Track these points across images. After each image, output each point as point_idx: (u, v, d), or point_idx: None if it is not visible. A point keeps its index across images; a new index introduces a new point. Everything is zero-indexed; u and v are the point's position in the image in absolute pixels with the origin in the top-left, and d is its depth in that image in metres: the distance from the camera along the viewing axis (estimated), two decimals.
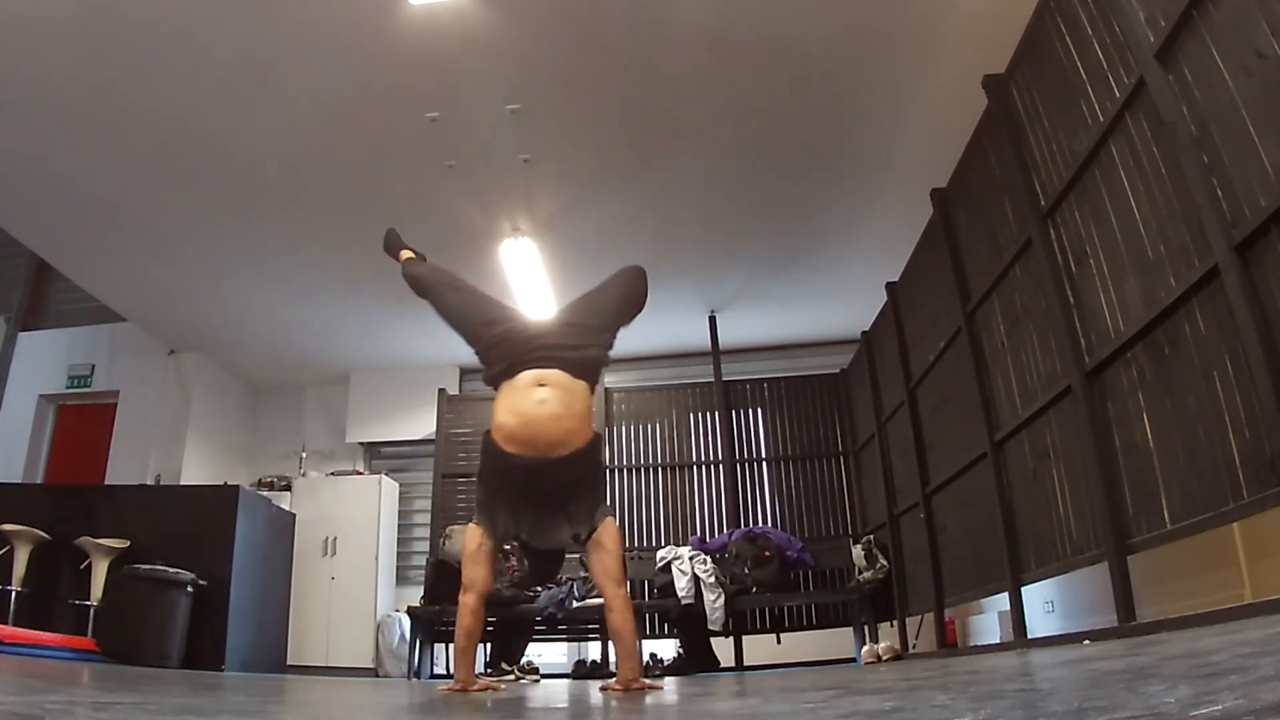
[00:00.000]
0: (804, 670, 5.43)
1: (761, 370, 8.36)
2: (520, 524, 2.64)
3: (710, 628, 6.43)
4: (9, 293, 8.26)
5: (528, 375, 2.66)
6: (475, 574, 2.63)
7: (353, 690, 3.46)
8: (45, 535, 5.55)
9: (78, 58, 4.54)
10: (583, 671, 6.59)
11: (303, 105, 5.00)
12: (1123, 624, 3.18)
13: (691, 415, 8.13)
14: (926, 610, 5.68)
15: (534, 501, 2.63)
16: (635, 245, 6.61)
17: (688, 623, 6.56)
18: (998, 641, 5.28)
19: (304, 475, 8.24)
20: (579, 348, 2.75)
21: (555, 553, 2.75)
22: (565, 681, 6.01)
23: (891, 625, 6.34)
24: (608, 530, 2.63)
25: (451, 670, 7.37)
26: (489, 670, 6.42)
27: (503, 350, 2.76)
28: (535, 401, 2.62)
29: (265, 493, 7.66)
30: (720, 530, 7.43)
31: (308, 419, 9.01)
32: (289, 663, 6.98)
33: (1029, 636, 4.20)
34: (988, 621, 5.96)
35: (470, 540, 2.67)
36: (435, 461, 7.97)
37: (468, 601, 2.62)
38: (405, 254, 3.30)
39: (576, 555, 7.14)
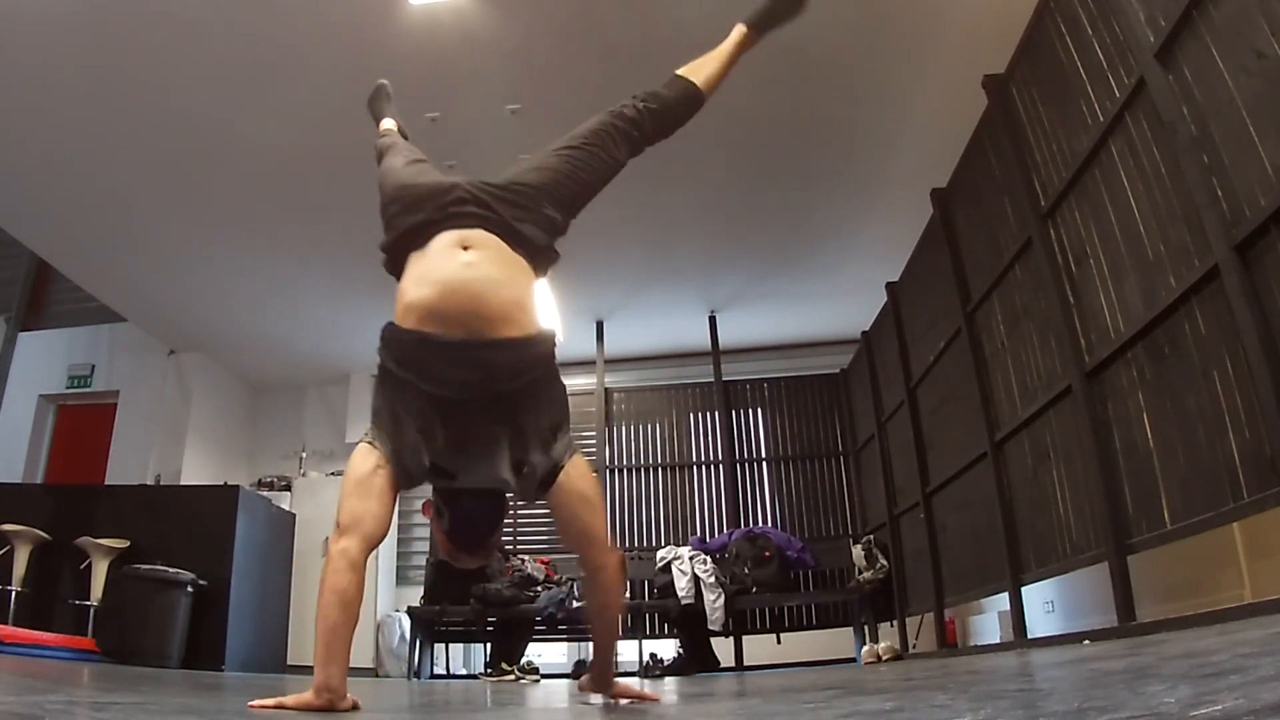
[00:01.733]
0: (804, 670, 5.43)
1: (761, 370, 8.36)
2: (436, 445, 1.77)
3: (710, 628, 6.43)
4: (9, 293, 8.26)
5: (445, 237, 1.88)
6: (361, 508, 1.72)
7: (352, 690, 3.46)
8: (45, 535, 5.54)
9: (77, 59, 4.54)
10: (583, 671, 6.59)
11: (303, 105, 5.00)
12: (1123, 624, 3.18)
13: (691, 415, 8.12)
14: (926, 610, 5.67)
15: (459, 412, 1.77)
16: (635, 245, 6.62)
17: (688, 623, 6.56)
18: (998, 641, 5.28)
19: (304, 475, 8.24)
20: (515, 217, 1.94)
21: (493, 498, 1.86)
22: (565, 682, 6.01)
23: (891, 625, 6.34)
24: (579, 470, 1.84)
25: (451, 670, 7.38)
26: (489, 670, 6.41)
27: (410, 209, 1.95)
28: (460, 264, 1.83)
29: (265, 493, 7.66)
30: (720, 530, 7.43)
31: (308, 419, 9.00)
32: (289, 663, 6.98)
33: (1029, 636, 4.20)
34: (988, 621, 5.96)
35: (360, 463, 1.77)
36: None
37: (346, 549, 1.67)
38: (385, 124, 2.57)
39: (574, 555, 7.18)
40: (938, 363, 5.26)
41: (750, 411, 8.11)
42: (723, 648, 6.71)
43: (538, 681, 5.92)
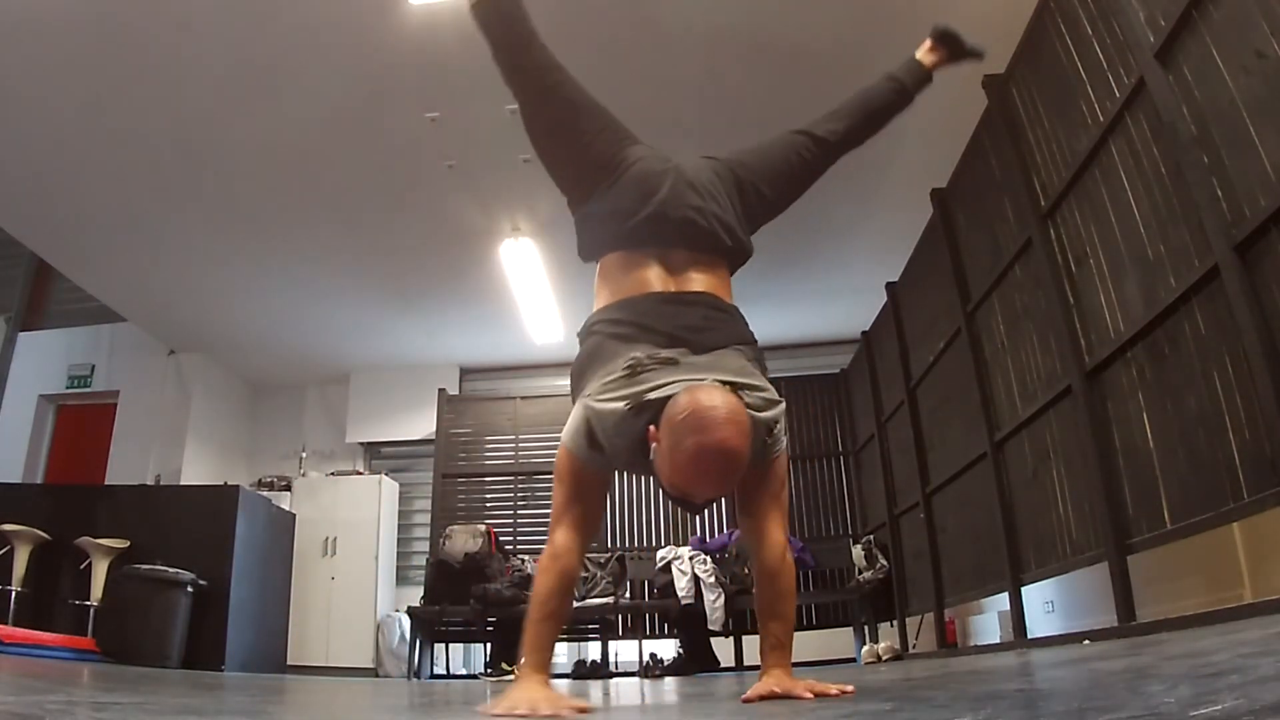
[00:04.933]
0: (804, 670, 5.42)
1: None
2: None
3: (710, 628, 6.43)
4: (9, 293, 8.25)
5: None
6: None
7: (353, 690, 3.46)
8: (45, 535, 5.55)
9: (77, 58, 4.54)
10: (583, 671, 6.60)
11: (302, 105, 5.00)
12: (1123, 624, 3.18)
13: None
14: (926, 610, 5.67)
15: None
16: None
17: (688, 623, 6.56)
18: (998, 641, 5.28)
19: (304, 475, 8.24)
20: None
21: None
22: (565, 682, 6.01)
23: (891, 625, 6.34)
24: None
25: (451, 670, 7.39)
26: (489, 670, 6.42)
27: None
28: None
29: (265, 493, 7.66)
30: (720, 530, 7.43)
31: (308, 419, 9.00)
32: (289, 663, 6.98)
33: (1029, 636, 4.20)
34: (988, 621, 5.96)
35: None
36: (435, 461, 7.96)
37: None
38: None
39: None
40: (938, 363, 5.26)
41: None
42: (723, 648, 6.71)
43: None
